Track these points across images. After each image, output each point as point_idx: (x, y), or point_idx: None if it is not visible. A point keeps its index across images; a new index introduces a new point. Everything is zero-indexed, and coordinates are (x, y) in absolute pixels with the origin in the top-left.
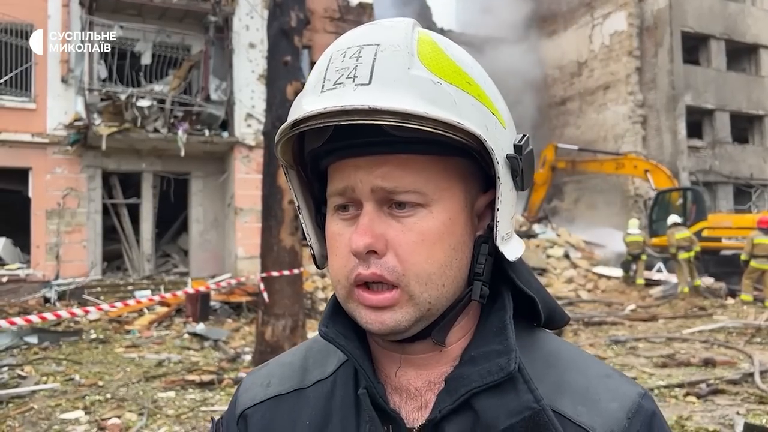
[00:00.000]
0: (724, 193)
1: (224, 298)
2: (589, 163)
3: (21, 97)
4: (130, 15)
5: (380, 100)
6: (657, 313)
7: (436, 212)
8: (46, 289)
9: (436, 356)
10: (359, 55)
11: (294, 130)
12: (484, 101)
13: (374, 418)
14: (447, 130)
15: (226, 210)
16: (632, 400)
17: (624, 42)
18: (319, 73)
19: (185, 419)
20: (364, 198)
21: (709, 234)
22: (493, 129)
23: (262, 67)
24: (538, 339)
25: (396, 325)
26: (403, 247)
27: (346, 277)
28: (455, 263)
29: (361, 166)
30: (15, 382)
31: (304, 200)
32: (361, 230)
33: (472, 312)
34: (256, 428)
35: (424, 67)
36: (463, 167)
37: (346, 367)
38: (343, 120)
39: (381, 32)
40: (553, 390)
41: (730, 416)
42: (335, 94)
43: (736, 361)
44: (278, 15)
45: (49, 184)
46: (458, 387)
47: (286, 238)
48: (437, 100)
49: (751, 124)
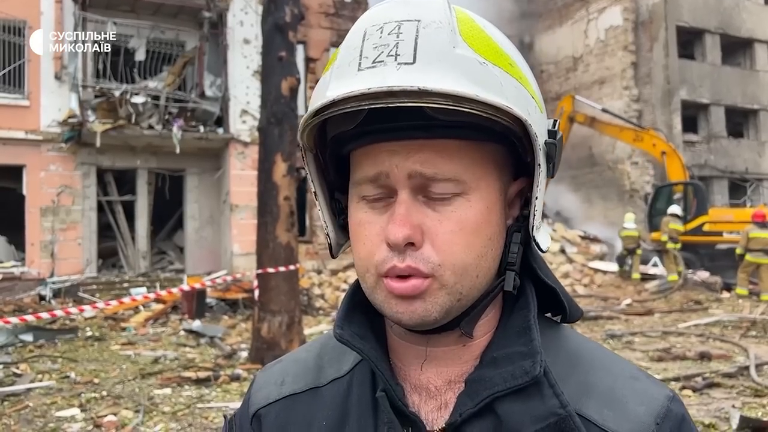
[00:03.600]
0: (719, 188)
1: (220, 295)
2: (608, 126)
3: (14, 94)
4: (123, 11)
5: (428, 81)
6: (653, 307)
7: (474, 201)
8: (42, 287)
9: (458, 352)
10: (399, 31)
11: (326, 113)
12: (525, 84)
13: (393, 420)
14: (494, 114)
15: (221, 207)
16: (660, 403)
17: (619, 37)
18: (354, 49)
19: (181, 416)
20: (399, 185)
21: (710, 228)
22: (534, 113)
23: (257, 63)
24: (561, 336)
25: (426, 315)
26: (440, 237)
27: (375, 267)
28: (490, 253)
29: (398, 151)
30: (10, 380)
31: (320, 186)
32: (399, 221)
33: (497, 306)
34: (271, 428)
35: (469, 46)
36: (498, 154)
37: (362, 366)
38: (388, 102)
39: (418, 7)
40: (578, 392)
41: (725, 409)
42: (375, 73)
43: (732, 354)
44: (273, 10)
45: (44, 182)
46: (480, 390)
47: (282, 234)
48: (484, 81)
49: (746, 118)
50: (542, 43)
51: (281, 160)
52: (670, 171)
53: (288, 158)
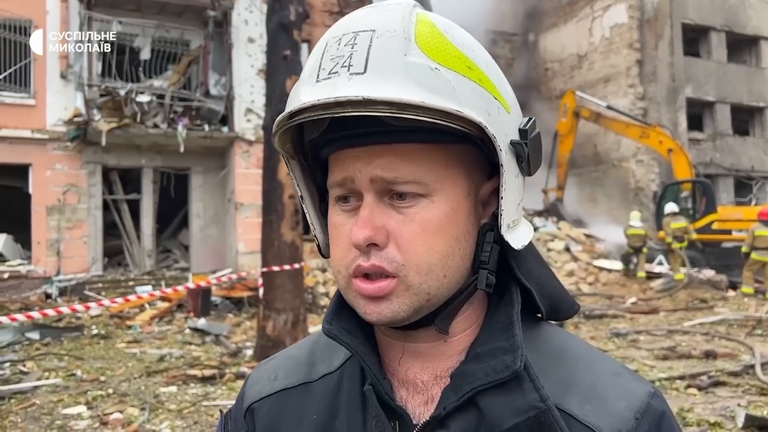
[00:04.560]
0: (724, 186)
1: (225, 293)
2: (614, 122)
3: (20, 93)
4: (128, 10)
5: (374, 90)
6: (658, 305)
7: (438, 202)
8: (48, 285)
9: (441, 347)
10: (354, 42)
11: (291, 122)
12: (486, 86)
13: (380, 414)
14: (446, 118)
15: (226, 205)
16: (641, 399)
17: (624, 34)
18: (315, 61)
19: (187, 414)
20: (363, 189)
21: (719, 227)
22: (496, 115)
23: (261, 62)
24: (545, 333)
25: (394, 315)
26: (404, 238)
27: (345, 268)
28: (458, 253)
29: (360, 156)
30: (17, 377)
31: (307, 190)
32: (361, 223)
33: (477, 303)
34: (263, 422)
35: (422, 52)
36: (466, 155)
37: (353, 361)
38: (337, 112)
39: (378, 16)
40: (560, 387)
41: (731, 408)
42: (330, 84)
43: (737, 353)
44: (277, 9)
45: (50, 181)
46: (463, 384)
47: (287, 232)
48: (435, 87)
49: (752, 116)
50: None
51: None
52: (676, 169)
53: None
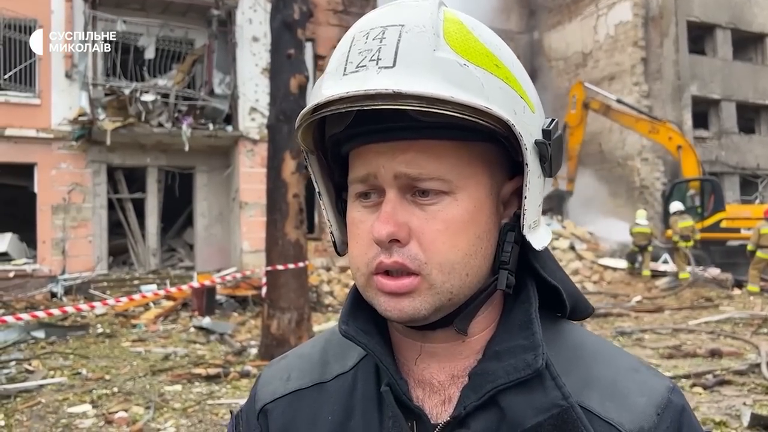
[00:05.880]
0: (730, 184)
1: (230, 292)
2: (623, 115)
3: (25, 92)
4: (133, 9)
5: (405, 84)
6: (663, 304)
7: (461, 200)
8: (53, 284)
9: (458, 347)
10: (383, 36)
11: (315, 115)
12: (513, 84)
13: (398, 414)
14: (474, 114)
15: (230, 204)
16: (661, 394)
17: (629, 32)
18: (341, 55)
19: (192, 412)
20: (386, 185)
21: (727, 225)
22: (522, 114)
23: (265, 61)
24: (563, 331)
25: (415, 313)
26: (426, 236)
27: (366, 265)
28: (480, 252)
29: (384, 152)
30: (23, 376)
31: (325, 186)
32: (383, 218)
33: (495, 302)
34: (277, 423)
35: (451, 48)
36: (488, 153)
37: (367, 360)
38: (366, 105)
39: (406, 12)
40: (581, 384)
41: (736, 407)
42: (358, 77)
43: (743, 351)
44: (281, 8)
45: (55, 180)
46: (483, 383)
47: (291, 231)
48: (464, 83)
49: (758, 114)
50: (551, 39)
51: (290, 158)
52: (685, 166)
53: (297, 155)
